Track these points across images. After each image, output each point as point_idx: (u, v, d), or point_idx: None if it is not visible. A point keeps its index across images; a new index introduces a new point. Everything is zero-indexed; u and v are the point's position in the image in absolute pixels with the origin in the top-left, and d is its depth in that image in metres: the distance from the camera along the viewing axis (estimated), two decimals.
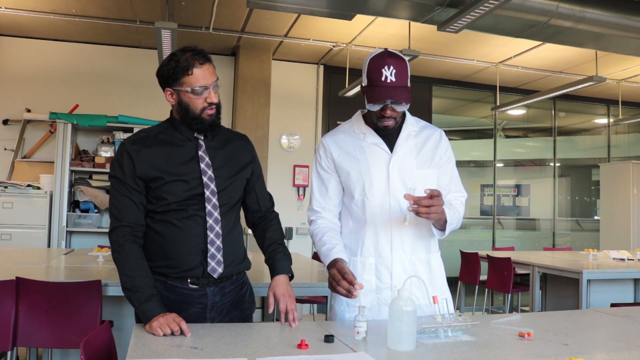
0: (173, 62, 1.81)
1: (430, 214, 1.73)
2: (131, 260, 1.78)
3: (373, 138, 1.96)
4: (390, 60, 1.82)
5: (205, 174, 1.86)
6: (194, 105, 1.83)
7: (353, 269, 1.95)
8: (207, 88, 1.82)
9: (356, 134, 2.00)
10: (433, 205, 1.72)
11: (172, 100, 1.87)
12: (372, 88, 1.83)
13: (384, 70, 1.80)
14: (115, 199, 1.84)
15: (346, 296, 1.73)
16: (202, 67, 1.81)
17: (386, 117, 1.86)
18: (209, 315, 1.88)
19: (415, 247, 1.96)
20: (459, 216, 1.97)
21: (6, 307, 2.47)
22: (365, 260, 1.95)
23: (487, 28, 4.23)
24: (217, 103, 1.87)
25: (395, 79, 1.80)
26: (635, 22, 4.28)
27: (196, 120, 1.85)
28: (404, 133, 1.97)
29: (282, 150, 6.88)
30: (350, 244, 2.00)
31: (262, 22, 5.63)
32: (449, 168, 2.03)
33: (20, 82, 6.10)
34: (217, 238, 1.86)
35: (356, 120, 2.03)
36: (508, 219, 8.45)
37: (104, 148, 5.82)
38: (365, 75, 1.86)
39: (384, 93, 1.80)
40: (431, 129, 2.05)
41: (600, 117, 8.90)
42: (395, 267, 1.93)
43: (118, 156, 1.87)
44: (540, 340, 1.66)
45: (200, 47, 1.85)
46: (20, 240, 5.32)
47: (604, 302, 4.27)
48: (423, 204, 1.72)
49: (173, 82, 1.83)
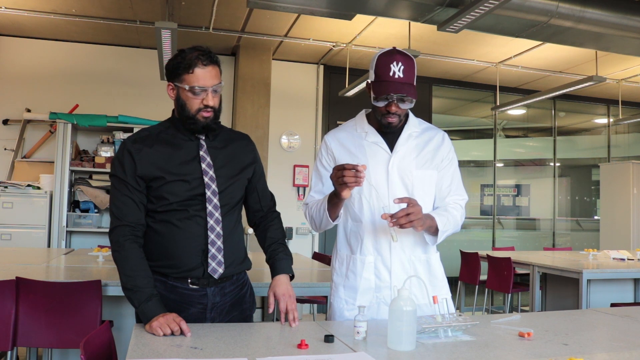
0: (179, 58, 1.82)
1: (413, 221, 1.73)
2: (131, 259, 1.78)
3: (374, 137, 1.98)
4: (399, 57, 1.85)
5: (207, 174, 1.86)
6: (190, 104, 1.83)
7: (353, 266, 1.97)
8: (205, 90, 1.81)
9: (358, 132, 2.01)
10: (410, 212, 1.72)
11: (171, 95, 1.88)
12: (379, 83, 1.86)
13: (392, 65, 1.84)
14: (116, 198, 1.84)
15: (356, 183, 1.70)
16: (205, 69, 1.80)
17: (391, 113, 1.87)
18: (209, 316, 1.88)
19: (415, 246, 1.97)
20: (455, 221, 1.96)
21: (6, 307, 2.47)
22: (365, 258, 1.96)
23: (487, 28, 4.23)
24: (214, 107, 1.84)
25: (403, 75, 1.84)
26: (635, 22, 4.28)
27: (190, 120, 1.84)
28: (405, 133, 1.98)
29: (282, 150, 6.88)
30: (350, 242, 2.00)
31: (262, 22, 5.63)
32: (450, 170, 2.03)
33: (20, 82, 6.10)
34: (217, 239, 1.85)
35: (359, 119, 2.05)
36: (508, 218, 8.45)
37: (104, 148, 5.82)
38: (373, 71, 1.89)
39: (391, 87, 1.83)
40: (434, 131, 2.06)
41: (600, 117, 8.90)
42: (395, 266, 1.93)
43: (119, 155, 1.86)
44: (540, 340, 1.66)
45: (209, 49, 1.85)
46: (20, 240, 5.32)
47: (604, 302, 4.27)
48: (399, 215, 1.72)
49: (175, 77, 1.83)
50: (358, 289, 1.95)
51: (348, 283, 1.98)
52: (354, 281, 1.97)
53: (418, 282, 1.89)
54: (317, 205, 1.96)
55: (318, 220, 1.96)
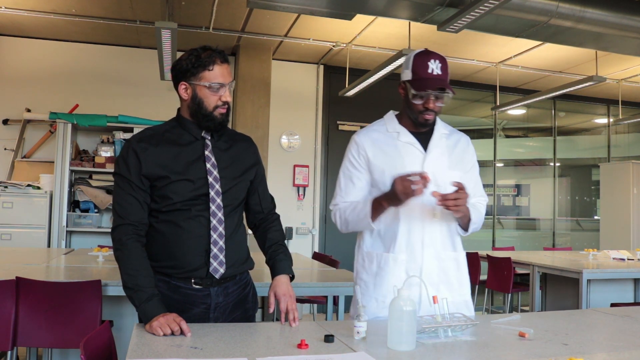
0: (193, 57, 1.83)
1: (459, 207, 1.81)
2: (133, 258, 1.78)
3: (407, 137, 2.02)
4: (436, 56, 1.95)
5: (211, 174, 1.86)
6: (208, 101, 1.84)
7: (384, 264, 1.98)
8: (223, 85, 1.84)
9: (390, 132, 2.04)
10: (459, 198, 1.80)
11: (185, 95, 1.87)
12: (418, 80, 1.93)
13: (430, 63, 1.93)
14: (120, 197, 1.84)
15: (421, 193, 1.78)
16: (222, 66, 1.85)
17: (429, 109, 1.94)
18: (212, 315, 1.89)
19: (445, 244, 2.01)
20: (481, 218, 2.06)
21: (6, 307, 2.47)
22: (397, 256, 1.97)
23: (487, 28, 4.23)
24: (230, 102, 1.89)
25: (440, 72, 1.93)
26: (635, 22, 4.28)
27: (207, 118, 1.86)
28: (436, 134, 2.04)
29: (282, 150, 6.88)
30: (383, 240, 2.01)
31: (262, 22, 5.63)
32: (475, 174, 2.12)
33: (20, 82, 6.09)
34: (220, 238, 1.86)
35: (389, 120, 2.09)
36: (508, 218, 8.45)
37: (104, 148, 5.82)
38: (410, 69, 1.95)
39: (431, 82, 1.91)
40: (459, 134, 2.14)
41: (600, 117, 8.90)
42: (426, 263, 1.96)
43: (124, 154, 1.85)
44: (540, 340, 1.66)
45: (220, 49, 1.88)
46: (20, 240, 5.32)
47: (604, 302, 4.27)
48: (450, 197, 1.80)
49: (191, 75, 1.84)
50: (389, 286, 1.94)
51: (379, 281, 1.99)
52: (384, 279, 1.97)
53: (445, 283, 1.94)
54: (353, 208, 1.98)
55: (354, 223, 1.99)
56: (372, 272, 2.01)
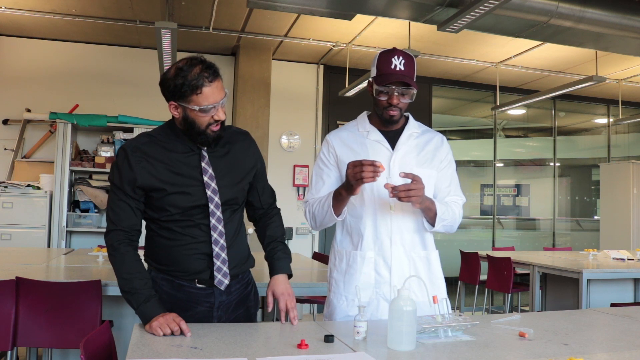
0: (180, 79, 1.71)
1: (412, 197, 1.78)
2: (127, 262, 1.78)
3: (376, 136, 2.03)
4: (399, 52, 1.94)
5: (209, 187, 1.83)
6: (200, 121, 1.76)
7: (353, 262, 1.99)
8: (215, 106, 1.75)
9: (360, 131, 2.06)
10: (411, 189, 1.78)
11: (176, 114, 1.79)
12: (381, 76, 1.93)
13: (394, 59, 1.92)
14: (113, 203, 1.83)
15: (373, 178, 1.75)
16: (212, 85, 1.72)
17: (392, 105, 1.93)
18: (215, 314, 1.88)
19: (414, 242, 1.99)
20: (454, 215, 2.01)
21: (6, 307, 2.47)
22: (365, 254, 1.97)
23: (487, 28, 4.23)
24: (224, 120, 1.81)
25: (404, 68, 1.92)
26: (635, 22, 4.28)
27: (201, 136, 1.80)
28: (406, 132, 2.04)
29: (282, 150, 6.88)
30: (351, 238, 2.02)
31: (262, 22, 5.63)
32: (449, 172, 2.09)
33: (20, 82, 6.10)
34: (222, 251, 1.84)
35: (361, 120, 2.11)
36: (508, 218, 8.45)
37: (104, 148, 5.82)
38: (375, 67, 1.96)
39: (393, 77, 1.90)
40: (433, 133, 2.13)
41: (600, 117, 8.90)
42: (394, 262, 1.95)
43: (119, 162, 1.81)
44: (540, 340, 1.66)
45: (208, 61, 1.76)
46: (20, 240, 5.32)
47: (604, 302, 4.27)
48: (401, 188, 1.78)
49: (179, 98, 1.74)
50: (358, 284, 1.95)
51: (348, 279, 1.99)
52: (353, 277, 1.97)
53: (417, 281, 1.90)
54: (319, 202, 1.98)
55: (320, 217, 1.98)
56: (342, 270, 2.02)
